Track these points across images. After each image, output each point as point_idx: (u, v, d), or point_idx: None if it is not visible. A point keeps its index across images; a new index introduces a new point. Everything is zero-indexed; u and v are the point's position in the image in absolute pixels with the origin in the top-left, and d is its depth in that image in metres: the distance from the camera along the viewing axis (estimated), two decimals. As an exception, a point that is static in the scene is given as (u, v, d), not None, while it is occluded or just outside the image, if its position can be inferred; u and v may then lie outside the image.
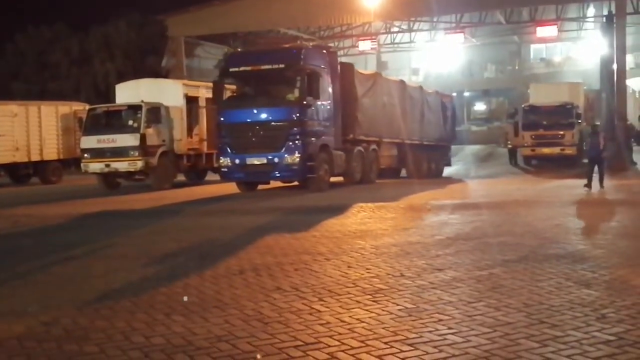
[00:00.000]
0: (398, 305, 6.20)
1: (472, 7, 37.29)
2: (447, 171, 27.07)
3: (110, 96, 26.07)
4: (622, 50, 30.45)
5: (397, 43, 49.85)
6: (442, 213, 13.11)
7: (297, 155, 17.02)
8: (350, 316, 5.88)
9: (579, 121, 27.57)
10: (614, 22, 29.11)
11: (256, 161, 17.37)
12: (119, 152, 20.58)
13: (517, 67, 53.72)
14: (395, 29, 45.85)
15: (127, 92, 22.56)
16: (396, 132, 21.84)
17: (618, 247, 8.94)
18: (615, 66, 29.07)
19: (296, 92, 17.19)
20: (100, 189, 21.34)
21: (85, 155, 21.26)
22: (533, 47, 53.37)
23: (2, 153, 24.66)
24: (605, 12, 33.40)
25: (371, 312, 6.00)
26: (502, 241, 9.54)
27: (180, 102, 21.92)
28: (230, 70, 18.14)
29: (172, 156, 21.67)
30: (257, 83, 17.93)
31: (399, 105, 22.16)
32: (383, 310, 6.02)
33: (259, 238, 10.52)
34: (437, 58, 52.32)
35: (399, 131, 21.99)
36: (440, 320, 5.68)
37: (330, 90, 18.31)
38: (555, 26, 37.70)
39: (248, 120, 17.41)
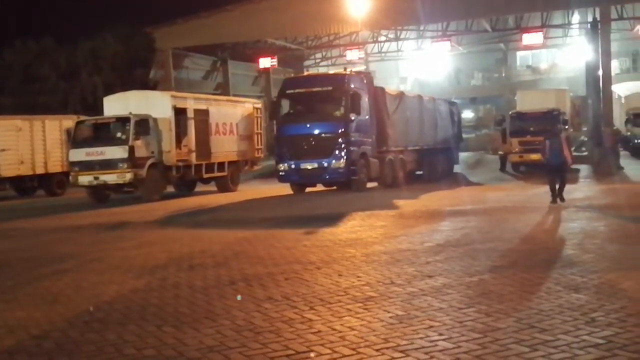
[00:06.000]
0: (389, 312, 6.22)
1: (458, 15, 37.47)
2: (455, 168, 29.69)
3: (98, 109, 25.99)
4: (607, 56, 30.73)
5: (384, 52, 50.05)
6: (431, 220, 13.15)
7: (343, 161, 20.12)
8: (341, 324, 5.89)
9: (566, 127, 27.74)
10: (598, 29, 29.37)
11: (309, 166, 20.48)
12: (108, 165, 20.49)
13: (503, 75, 53.99)
14: (383, 38, 46.05)
15: (115, 105, 22.48)
16: (417, 140, 25.15)
17: (606, 252, 9.00)
18: (600, 72, 29.29)
19: (342, 110, 20.49)
20: (89, 202, 21.26)
21: (74, 168, 21.18)
22: (519, 54, 53.67)
23: (7, 166, 24.95)
24: (590, 19, 33.69)
25: (362, 319, 6.01)
26: (492, 247, 9.59)
27: (169, 113, 21.85)
28: (287, 92, 21.46)
29: (161, 168, 21.60)
30: (309, 102, 21.16)
31: (418, 117, 25.49)
32: (374, 318, 6.04)
33: (249, 248, 10.53)
34: (424, 66, 52.57)
35: (419, 139, 25.37)
36: (431, 326, 5.70)
37: (367, 108, 21.39)
38: (541, 33, 37.95)
39: (302, 132, 20.58)
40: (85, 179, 20.90)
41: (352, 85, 20.90)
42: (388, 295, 6.88)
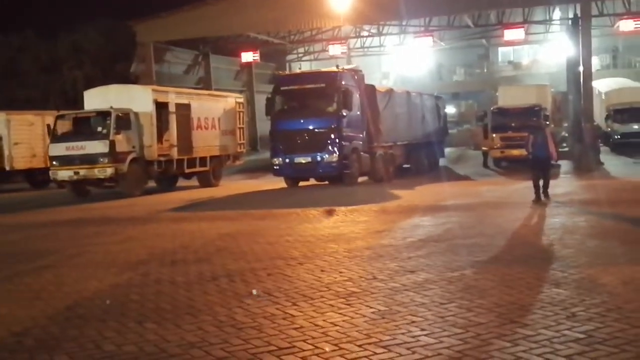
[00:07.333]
0: (371, 308, 6.23)
1: (440, 11, 37.53)
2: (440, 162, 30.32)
3: (79, 103, 25.81)
4: (588, 53, 30.90)
5: (367, 47, 50.02)
6: (414, 215, 13.19)
7: (335, 155, 20.76)
8: (324, 320, 5.90)
9: (547, 123, 27.89)
10: (579, 25, 29.52)
11: (302, 160, 21.09)
12: (88, 159, 20.33)
13: (485, 70, 54.20)
14: (365, 33, 46.01)
15: (96, 99, 22.27)
16: (405, 135, 25.91)
17: (586, 247, 9.08)
18: (581, 68, 29.45)
19: (334, 106, 21.12)
20: (69, 197, 21.09)
21: (54, 162, 20.98)
22: (501, 50, 53.91)
23: (20, 159, 26.22)
24: (571, 15, 33.86)
25: (345, 315, 6.02)
26: (473, 242, 9.64)
27: (150, 107, 21.71)
28: (281, 88, 22.14)
29: (143, 162, 21.46)
30: (303, 98, 21.82)
31: (407, 112, 26.29)
32: (356, 314, 6.05)
33: (232, 244, 10.50)
34: (406, 62, 52.63)
35: (408, 134, 26.14)
36: (413, 322, 5.72)
37: (358, 104, 22.03)
38: (523, 29, 38.14)
39: (296, 128, 21.24)
40: (65, 173, 20.71)
41: (344, 82, 21.49)
42: (370, 291, 6.90)
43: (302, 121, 21.26)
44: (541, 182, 14.70)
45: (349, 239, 10.49)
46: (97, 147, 20.33)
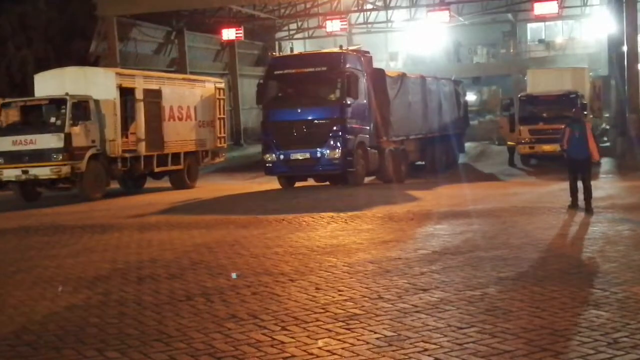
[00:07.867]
0: (376, 333, 6.23)
1: (459, -21, 37.67)
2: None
3: (28, 88, 25.76)
4: (633, 29, 30.94)
5: (371, 23, 50.09)
6: (427, 223, 13.20)
7: (338, 150, 20.94)
8: (319, 348, 5.90)
9: (585, 113, 27.98)
10: (623, -3, 29.61)
11: (300, 156, 21.31)
12: (39, 156, 20.31)
13: (512, 50, 54.33)
14: (369, 6, 46.06)
15: (49, 84, 22.29)
16: (419, 128, 26.43)
17: (632, 260, 9.08)
18: (625, 48, 29.51)
19: (337, 93, 21.25)
20: (16, 201, 21.08)
21: (-1, 159, 20.97)
22: (530, 26, 54.05)
23: None
24: (613, -15, 33.94)
25: (344, 342, 6.02)
26: (498, 255, 9.65)
27: (113, 94, 21.71)
28: (275, 72, 22.26)
29: (104, 160, 21.47)
30: (300, 84, 22.05)
31: (421, 101, 26.78)
32: (358, 340, 6.05)
33: (210, 256, 10.50)
34: (418, 40, 52.70)
35: (422, 127, 26.66)
36: (426, 349, 5.72)
37: (365, 91, 22.38)
38: (556, 1, 38.21)
39: (292, 118, 21.45)
40: (11, 172, 20.66)
41: (349, 66, 21.68)
42: (375, 313, 6.90)
43: (299, 111, 21.40)
44: (580, 185, 14.39)
45: (350, 250, 10.49)
46: (49, 141, 20.31)
